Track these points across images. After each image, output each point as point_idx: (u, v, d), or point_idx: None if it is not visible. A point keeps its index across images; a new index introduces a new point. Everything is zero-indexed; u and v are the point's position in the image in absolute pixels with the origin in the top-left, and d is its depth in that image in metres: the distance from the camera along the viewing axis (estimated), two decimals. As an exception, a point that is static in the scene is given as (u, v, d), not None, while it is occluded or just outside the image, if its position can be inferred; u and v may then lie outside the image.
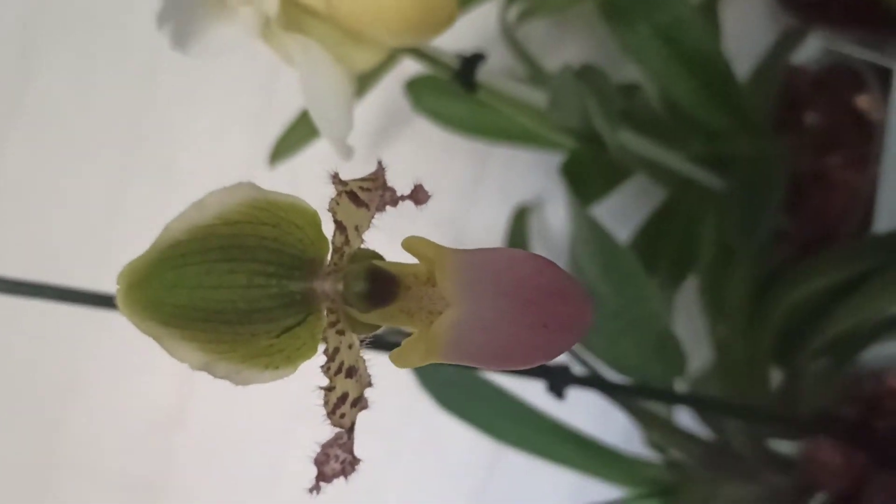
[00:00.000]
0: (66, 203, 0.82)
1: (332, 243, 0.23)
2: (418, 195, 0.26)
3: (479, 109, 0.75)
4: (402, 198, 0.26)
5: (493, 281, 0.22)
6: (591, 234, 0.53)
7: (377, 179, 0.25)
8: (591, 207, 0.64)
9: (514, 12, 0.72)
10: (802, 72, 0.69)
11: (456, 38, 0.85)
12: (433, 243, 0.23)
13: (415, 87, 0.77)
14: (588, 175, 0.61)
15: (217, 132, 0.85)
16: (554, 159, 0.73)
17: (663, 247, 0.63)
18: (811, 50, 0.70)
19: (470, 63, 0.51)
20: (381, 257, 0.25)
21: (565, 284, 0.22)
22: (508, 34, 0.67)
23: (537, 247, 0.84)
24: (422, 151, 0.86)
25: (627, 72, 0.71)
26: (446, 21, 0.37)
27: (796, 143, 0.65)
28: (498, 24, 0.69)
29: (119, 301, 0.21)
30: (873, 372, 0.56)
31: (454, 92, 0.75)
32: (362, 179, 0.25)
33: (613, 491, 0.56)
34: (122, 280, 0.21)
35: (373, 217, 0.25)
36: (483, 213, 0.90)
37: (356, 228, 0.24)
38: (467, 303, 0.22)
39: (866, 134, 0.61)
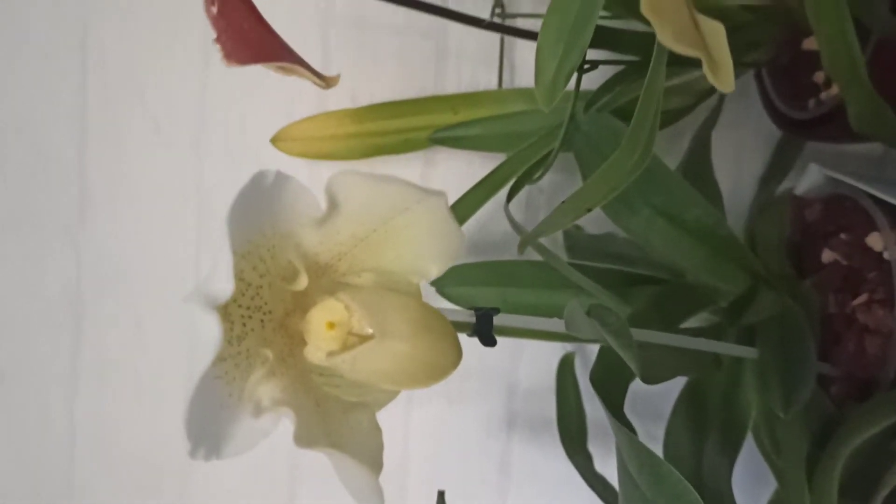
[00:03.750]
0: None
1: None
2: None
3: (506, 291, 0.77)
4: None
5: None
6: (632, 450, 0.54)
7: None
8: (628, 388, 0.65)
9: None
10: (809, 203, 0.70)
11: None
12: None
13: (437, 278, 0.79)
14: (618, 369, 0.62)
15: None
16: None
17: (708, 417, 0.64)
18: (814, 177, 0.71)
19: (485, 319, 0.53)
20: None
21: None
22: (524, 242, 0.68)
23: (585, 387, 0.85)
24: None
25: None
26: (452, 369, 0.40)
27: (819, 284, 0.65)
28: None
29: None
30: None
31: (479, 278, 0.78)
32: None
33: None
34: None
35: None
36: (531, 362, 0.92)
37: None
38: None
39: (886, 272, 0.61)
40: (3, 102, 0.82)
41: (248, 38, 0.41)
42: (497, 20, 0.80)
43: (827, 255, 0.66)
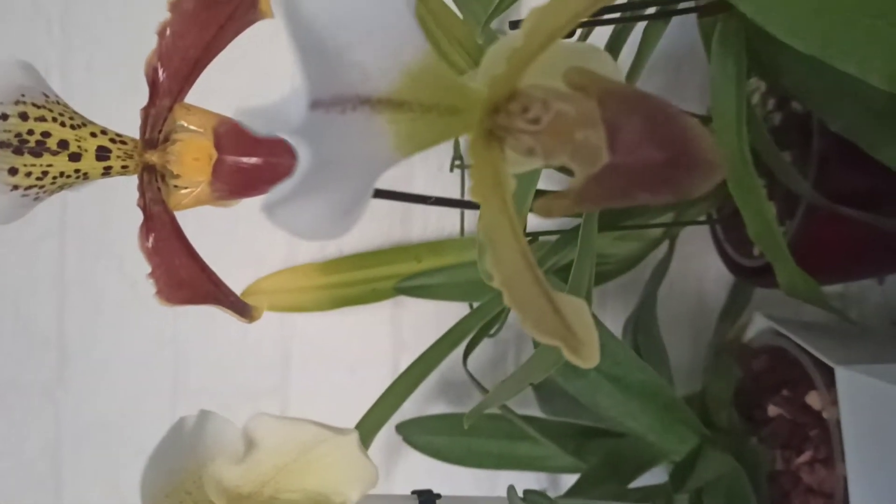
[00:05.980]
0: None
1: None
2: None
3: (470, 441, 0.79)
4: None
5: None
6: None
7: None
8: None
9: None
10: (756, 354, 0.71)
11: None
12: None
13: (404, 428, 0.81)
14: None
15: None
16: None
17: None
18: (760, 325, 0.73)
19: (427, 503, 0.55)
20: None
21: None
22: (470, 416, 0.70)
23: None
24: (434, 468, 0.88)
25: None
26: None
27: (766, 439, 0.67)
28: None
29: None
30: None
31: (443, 429, 0.80)
32: None
33: None
34: None
35: None
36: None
37: None
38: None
39: (825, 431, 0.63)
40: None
41: (180, 277, 0.44)
42: (458, 169, 0.83)
43: (773, 410, 0.67)
